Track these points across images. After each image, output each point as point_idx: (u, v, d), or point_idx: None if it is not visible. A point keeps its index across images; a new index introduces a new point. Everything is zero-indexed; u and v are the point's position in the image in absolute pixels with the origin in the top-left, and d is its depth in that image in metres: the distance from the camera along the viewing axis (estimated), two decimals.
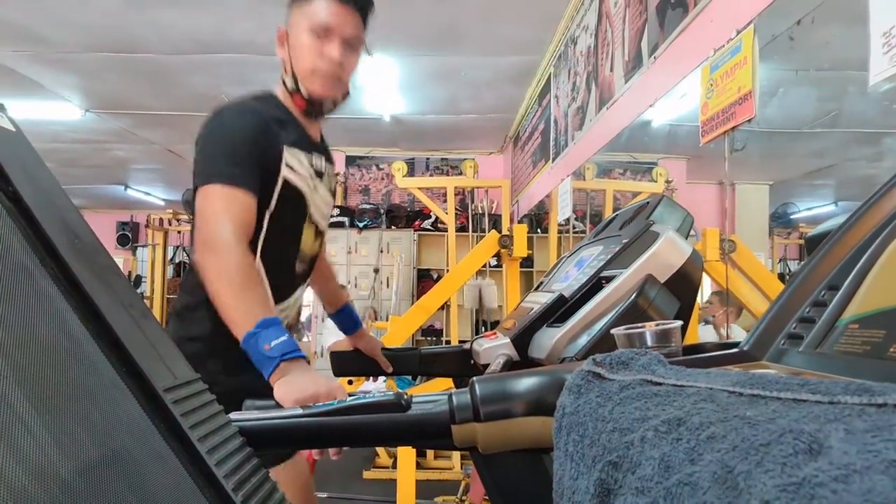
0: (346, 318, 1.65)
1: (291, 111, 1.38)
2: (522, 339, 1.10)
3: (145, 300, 7.04)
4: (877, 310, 0.48)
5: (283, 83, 1.38)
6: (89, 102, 5.03)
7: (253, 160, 1.23)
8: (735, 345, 0.61)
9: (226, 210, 1.15)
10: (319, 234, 1.46)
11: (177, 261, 8.38)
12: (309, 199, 1.38)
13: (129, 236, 9.59)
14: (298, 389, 0.99)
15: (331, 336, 4.15)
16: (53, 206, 0.45)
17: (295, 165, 1.33)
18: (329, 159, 1.49)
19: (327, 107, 1.40)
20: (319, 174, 1.41)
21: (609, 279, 0.99)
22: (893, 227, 0.54)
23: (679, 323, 0.67)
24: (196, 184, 1.20)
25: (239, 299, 1.08)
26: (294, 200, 1.34)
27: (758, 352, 0.58)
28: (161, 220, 7.27)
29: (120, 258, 9.42)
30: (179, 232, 7.66)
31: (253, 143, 1.24)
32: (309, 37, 1.33)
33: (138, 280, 8.51)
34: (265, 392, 1.00)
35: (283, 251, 1.36)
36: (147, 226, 7.30)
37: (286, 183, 1.30)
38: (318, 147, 1.44)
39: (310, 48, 1.34)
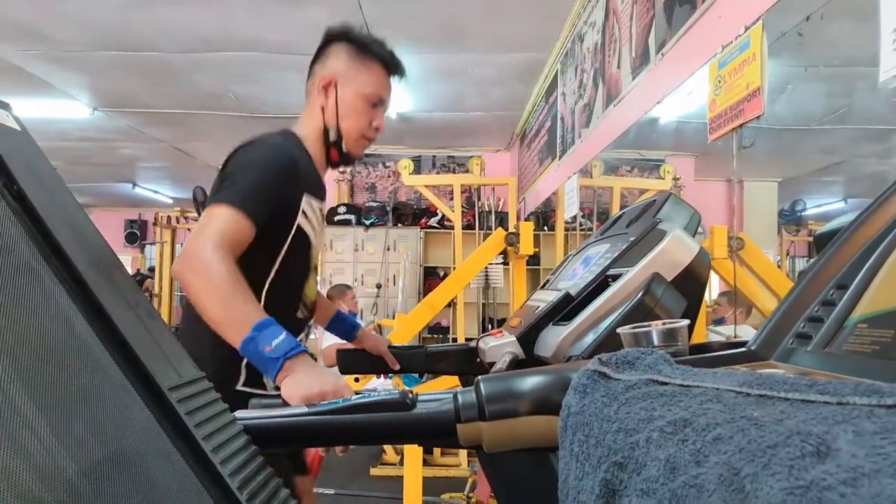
0: (341, 325, 1.65)
1: (311, 156, 1.40)
2: (528, 338, 1.10)
3: (153, 298, 7.07)
4: (886, 309, 0.48)
5: (324, 132, 1.41)
6: (97, 101, 5.05)
7: (272, 200, 1.24)
8: (742, 344, 0.60)
9: (220, 228, 1.14)
10: (315, 278, 1.49)
11: None
12: (315, 246, 1.41)
13: (137, 234, 9.64)
14: (306, 387, 0.99)
15: (329, 338, 4.15)
16: (58, 205, 0.45)
17: (309, 213, 1.35)
18: (325, 199, 1.52)
19: (352, 163, 1.48)
20: (322, 220, 1.45)
21: (615, 277, 0.99)
22: None
23: (686, 322, 0.67)
24: (209, 202, 1.20)
25: (227, 307, 1.06)
26: (303, 247, 1.36)
27: (765, 351, 0.57)
28: (169, 217, 7.30)
29: (128, 256, 9.48)
30: (188, 230, 7.69)
31: (279, 184, 1.25)
32: (364, 103, 1.40)
33: (143, 277, 8.55)
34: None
35: (288, 296, 1.38)
36: (155, 224, 7.33)
37: (300, 229, 1.33)
38: (324, 192, 1.48)
39: (365, 115, 1.41)
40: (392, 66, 1.44)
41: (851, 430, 0.27)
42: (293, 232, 1.31)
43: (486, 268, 4.09)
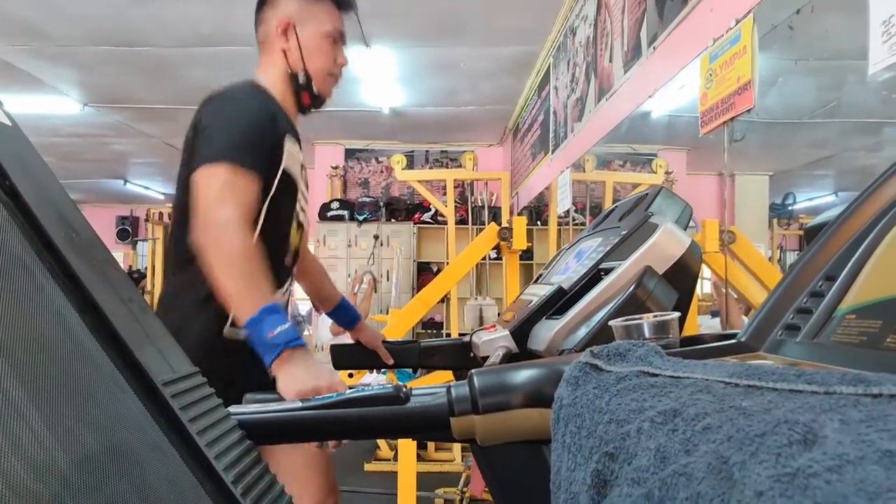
0: (343, 314, 1.65)
1: (281, 103, 1.38)
2: (521, 332, 1.10)
3: (146, 295, 7.04)
4: (874, 300, 0.48)
5: (289, 76, 1.39)
6: (88, 96, 5.02)
7: (262, 144, 1.23)
8: (733, 336, 0.61)
9: (230, 191, 1.13)
10: (300, 226, 1.47)
11: None
12: (299, 188, 1.39)
13: (129, 231, 9.58)
14: (300, 381, 0.99)
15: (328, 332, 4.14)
16: (50, 200, 0.45)
17: (293, 153, 1.34)
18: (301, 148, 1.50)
19: (323, 104, 1.45)
20: (303, 166, 1.43)
21: (608, 271, 0.99)
22: (891, 218, 0.54)
23: (676, 314, 0.67)
24: (195, 164, 1.17)
25: (243, 284, 1.07)
26: (289, 190, 1.34)
27: (755, 343, 0.58)
28: (161, 214, 7.27)
29: (120, 253, 9.42)
30: None
31: (264, 128, 1.24)
32: (325, 41, 1.39)
33: (140, 276, 8.52)
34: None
35: (276, 241, 1.36)
36: (147, 220, 7.30)
37: (285, 172, 1.31)
38: (299, 138, 1.45)
39: (329, 53, 1.40)
40: (344, 3, 1.44)
41: (838, 418, 0.28)
42: (279, 174, 1.29)
43: (481, 307, 4.10)
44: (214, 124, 1.22)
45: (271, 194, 1.28)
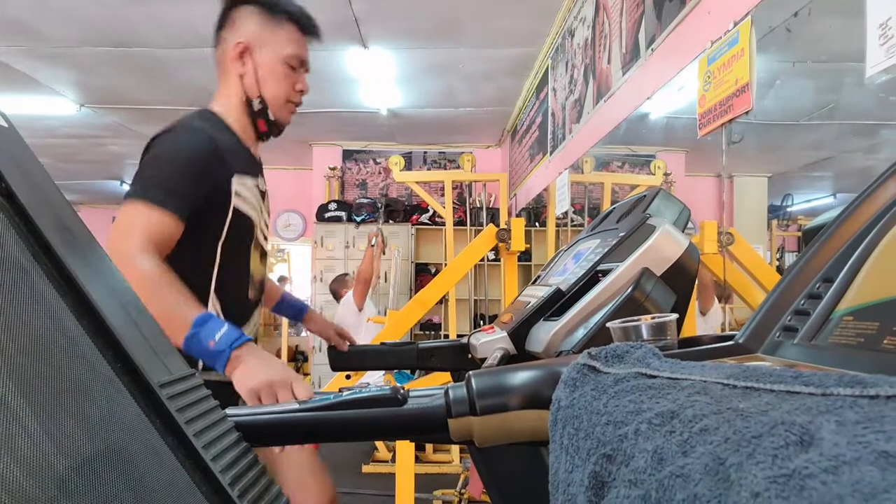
0: (288, 308, 1.64)
1: (235, 131, 1.34)
2: (519, 333, 1.10)
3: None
4: (871, 302, 0.48)
5: (244, 103, 1.34)
6: (84, 97, 5.01)
7: (196, 187, 1.20)
8: (730, 337, 0.61)
9: (138, 226, 1.11)
10: (264, 255, 1.45)
11: None
12: (256, 223, 1.37)
13: None
14: (252, 377, 0.98)
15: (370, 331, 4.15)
16: (47, 201, 0.45)
17: (243, 192, 1.31)
18: (262, 174, 1.47)
19: (282, 132, 1.41)
20: (262, 195, 1.41)
21: (606, 272, 0.99)
22: (888, 220, 0.54)
23: (674, 316, 0.67)
24: (126, 196, 1.16)
25: (161, 309, 1.02)
26: (243, 227, 1.32)
27: (753, 344, 0.58)
28: None
29: None
30: None
31: (202, 171, 1.21)
32: (284, 66, 1.34)
33: None
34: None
35: (237, 279, 1.35)
36: None
37: (236, 211, 1.29)
38: (259, 167, 1.42)
39: (287, 78, 1.34)
40: (305, 25, 1.38)
41: (834, 419, 0.28)
42: (230, 215, 1.28)
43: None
44: (147, 162, 1.21)
45: (223, 236, 1.27)
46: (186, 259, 1.13)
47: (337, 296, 4.95)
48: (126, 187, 8.32)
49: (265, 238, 1.44)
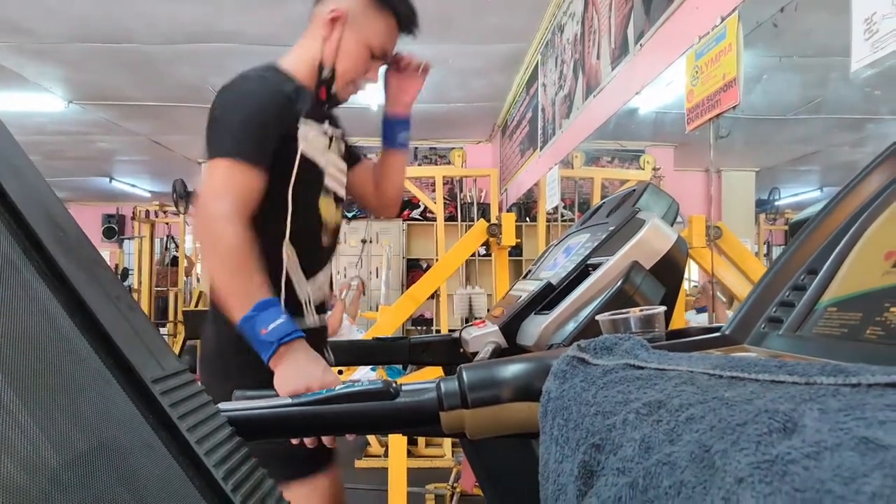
0: None
1: (303, 82, 1.32)
2: (511, 327, 1.11)
3: (133, 293, 6.98)
4: (854, 293, 0.49)
5: (317, 65, 1.32)
6: (73, 94, 4.96)
7: (269, 134, 1.19)
8: (717, 329, 0.62)
9: (226, 185, 1.10)
10: (339, 201, 1.43)
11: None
12: (324, 169, 1.35)
13: (115, 229, 9.48)
14: (290, 381, 0.99)
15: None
16: (37, 198, 0.45)
17: (311, 137, 1.29)
18: (336, 123, 1.44)
19: (335, 107, 1.42)
20: (330, 140, 1.39)
21: (596, 266, 1.00)
22: (871, 212, 0.55)
23: (662, 308, 0.68)
24: (208, 155, 1.16)
25: (234, 280, 1.04)
26: (312, 173, 1.30)
27: (739, 336, 0.59)
28: (147, 212, 7.20)
29: (106, 251, 9.34)
30: (167, 224, 7.60)
31: (271, 117, 1.20)
32: (366, 52, 1.33)
33: (125, 273, 8.45)
34: None
35: (309, 226, 1.32)
36: (133, 218, 7.23)
37: (304, 157, 1.26)
38: (327, 113, 1.40)
39: (363, 63, 1.34)
40: (407, 25, 1.37)
41: (817, 407, 0.28)
42: (297, 160, 1.25)
43: (470, 296, 4.10)
44: (218, 117, 1.20)
45: (292, 182, 1.24)
46: (260, 209, 1.12)
47: None
48: (115, 184, 8.25)
49: (340, 185, 1.42)
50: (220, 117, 1.20)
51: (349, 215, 6.37)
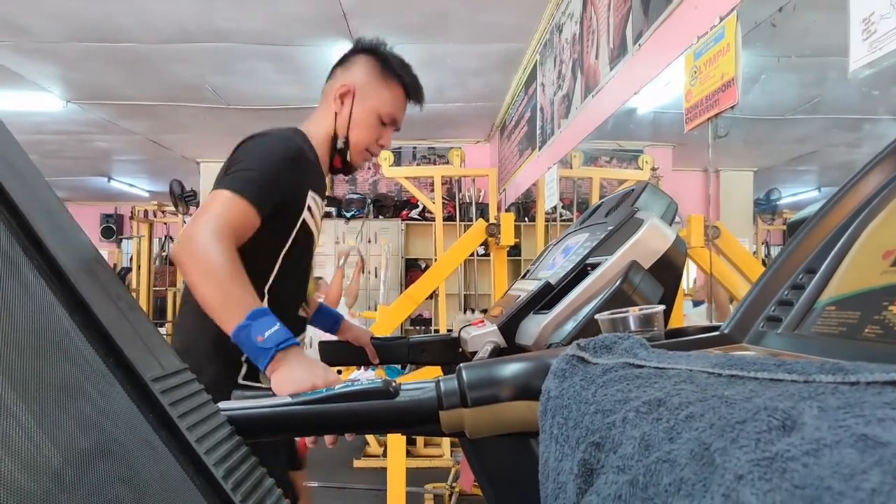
0: (324, 318, 1.65)
1: (318, 154, 1.40)
2: (509, 327, 1.11)
3: (132, 293, 6.97)
4: (852, 292, 0.49)
5: (331, 137, 1.41)
6: (71, 93, 4.96)
7: (277, 186, 1.23)
8: (716, 328, 0.62)
9: (220, 212, 1.12)
10: (311, 276, 1.49)
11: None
12: (315, 242, 1.42)
13: (113, 228, 9.48)
14: (295, 381, 0.98)
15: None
16: (37, 197, 0.45)
17: (313, 209, 1.36)
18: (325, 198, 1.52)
19: (350, 174, 1.51)
20: (322, 217, 1.46)
21: (595, 266, 1.00)
22: (869, 212, 0.55)
23: (661, 307, 0.68)
24: (213, 188, 1.20)
25: (223, 292, 1.04)
26: (306, 243, 1.36)
27: (738, 334, 0.59)
28: (146, 211, 7.19)
29: (104, 251, 9.33)
30: (165, 223, 7.60)
31: (285, 174, 1.25)
32: (377, 120, 1.42)
33: (125, 272, 8.44)
34: None
35: (291, 292, 1.37)
36: (132, 218, 7.22)
37: (304, 225, 1.33)
38: (325, 192, 1.48)
39: (374, 131, 1.43)
40: (413, 93, 1.47)
41: (816, 405, 0.29)
42: (297, 226, 1.31)
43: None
44: (240, 161, 1.24)
45: (287, 246, 1.30)
46: (247, 261, 1.13)
47: None
48: (114, 184, 8.24)
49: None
50: (239, 159, 1.24)
51: (348, 215, 6.36)
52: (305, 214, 1.32)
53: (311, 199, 1.34)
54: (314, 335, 1.64)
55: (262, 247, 1.23)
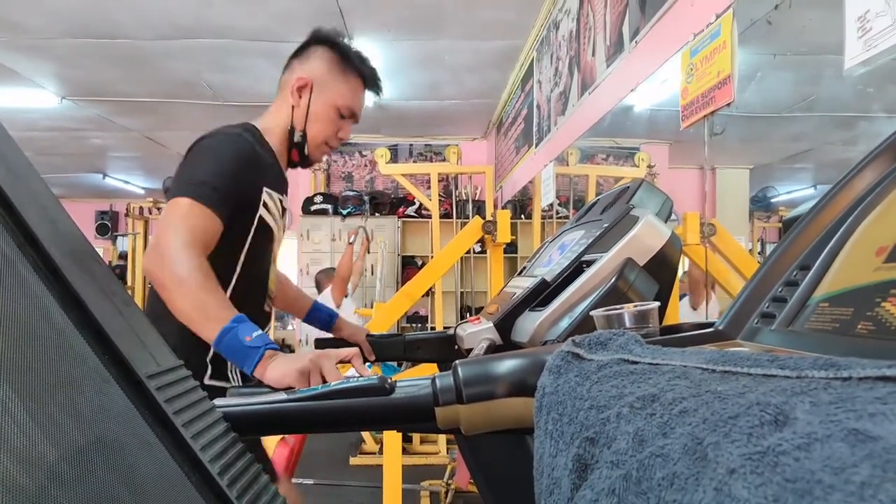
0: (319, 316, 1.65)
1: (273, 149, 1.39)
2: (505, 324, 1.11)
3: (128, 290, 6.95)
4: (846, 288, 0.50)
5: (287, 131, 1.40)
6: (66, 89, 4.93)
7: (232, 188, 1.22)
8: (710, 324, 0.62)
9: (184, 221, 1.13)
10: (275, 271, 1.49)
11: None
12: (276, 238, 1.40)
13: (108, 226, 9.45)
14: (281, 368, 0.98)
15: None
16: (32, 193, 0.45)
17: (269, 205, 1.35)
18: (286, 193, 1.50)
19: (310, 167, 1.48)
20: (283, 211, 1.45)
21: (590, 263, 1.00)
22: (863, 208, 0.55)
23: (656, 304, 0.68)
24: (169, 196, 1.20)
25: (200, 304, 1.04)
26: (266, 239, 1.36)
27: (732, 331, 0.59)
28: (141, 208, 7.17)
29: (99, 248, 9.30)
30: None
31: (238, 173, 1.24)
32: (335, 113, 1.40)
33: (122, 270, 8.42)
34: None
35: (254, 290, 1.38)
36: (127, 214, 7.19)
37: (262, 221, 1.32)
38: (285, 185, 1.46)
39: (333, 124, 1.41)
40: (371, 84, 1.45)
41: (808, 400, 0.29)
42: (255, 224, 1.31)
43: None
44: (189, 161, 1.25)
45: (247, 244, 1.30)
46: (211, 266, 1.14)
47: (320, 287, 4.94)
48: (109, 181, 8.20)
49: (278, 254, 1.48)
50: (192, 162, 1.24)
51: (344, 213, 6.36)
52: (262, 211, 1.32)
53: (266, 194, 1.33)
54: (310, 333, 1.64)
55: (223, 250, 1.23)
